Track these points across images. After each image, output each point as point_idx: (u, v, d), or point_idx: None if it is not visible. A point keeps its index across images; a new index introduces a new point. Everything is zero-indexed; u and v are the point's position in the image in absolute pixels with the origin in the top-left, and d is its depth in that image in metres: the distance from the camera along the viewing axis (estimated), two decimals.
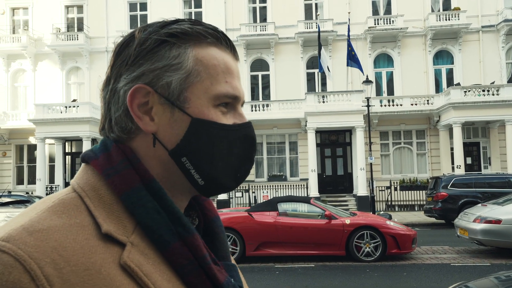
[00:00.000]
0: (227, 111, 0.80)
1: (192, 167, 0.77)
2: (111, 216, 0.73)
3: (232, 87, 0.79)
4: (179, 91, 0.76)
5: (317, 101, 24.14)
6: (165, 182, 0.79)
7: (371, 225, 10.67)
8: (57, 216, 0.69)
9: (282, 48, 27.95)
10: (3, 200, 10.76)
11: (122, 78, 0.78)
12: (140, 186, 0.75)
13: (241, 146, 0.80)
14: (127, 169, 0.76)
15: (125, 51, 0.79)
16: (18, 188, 27.75)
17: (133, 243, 0.72)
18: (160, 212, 0.74)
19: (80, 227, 0.69)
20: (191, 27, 0.78)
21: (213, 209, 0.92)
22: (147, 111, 0.77)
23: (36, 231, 0.65)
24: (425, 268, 9.72)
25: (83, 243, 0.67)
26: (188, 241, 0.74)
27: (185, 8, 29.06)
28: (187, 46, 0.77)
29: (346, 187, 25.81)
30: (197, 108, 0.77)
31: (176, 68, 0.76)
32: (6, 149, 28.62)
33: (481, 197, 16.69)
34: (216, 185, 0.79)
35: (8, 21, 29.68)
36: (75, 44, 28.13)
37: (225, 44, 0.81)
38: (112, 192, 0.75)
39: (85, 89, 28.86)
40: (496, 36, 26.86)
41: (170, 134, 0.77)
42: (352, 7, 27.42)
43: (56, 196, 0.74)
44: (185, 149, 0.76)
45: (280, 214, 11.10)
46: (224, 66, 0.79)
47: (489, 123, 25.06)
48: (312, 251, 10.67)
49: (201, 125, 0.76)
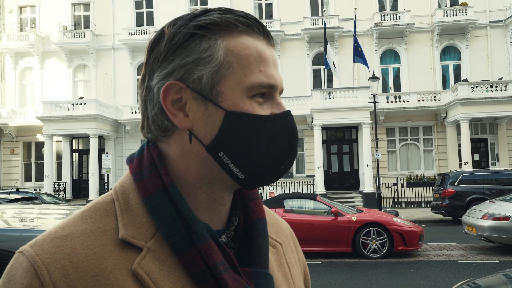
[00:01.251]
0: (263, 101, 0.77)
1: (231, 161, 0.75)
2: (135, 220, 0.74)
3: (266, 75, 0.76)
4: (211, 85, 0.74)
5: (323, 98, 24.07)
6: (203, 178, 0.78)
7: (378, 221, 10.65)
8: (83, 222, 0.74)
9: (288, 45, 27.87)
10: (11, 196, 10.87)
11: (155, 75, 0.77)
12: (161, 191, 0.75)
13: (281, 137, 0.76)
14: (152, 173, 0.77)
15: (156, 48, 0.77)
16: (26, 185, 27.91)
17: (150, 248, 0.72)
18: (175, 218, 0.74)
19: (101, 232, 0.72)
20: (220, 17, 0.76)
21: (259, 210, 0.87)
22: (181, 107, 0.76)
23: (56, 237, 0.71)
24: (432, 265, 9.68)
25: (97, 249, 0.70)
26: (201, 248, 0.73)
27: (191, 5, 29.03)
28: (217, 37, 0.75)
29: (352, 184, 25.74)
30: (231, 100, 0.74)
31: (207, 61, 0.74)
32: (14, 146, 28.82)
33: (489, 193, 16.59)
34: (257, 178, 0.77)
35: (16, 19, 29.86)
36: (82, 42, 28.23)
37: (258, 30, 0.78)
38: (139, 196, 0.76)
39: (92, 87, 28.95)
40: (504, 31, 26.63)
41: (205, 129, 0.75)
42: (358, 3, 27.27)
43: (95, 200, 0.78)
44: (221, 143, 0.74)
45: (286, 211, 11.11)
46: (257, 55, 0.76)
47: (497, 119, 24.87)
48: (318, 248, 10.65)
49: (236, 118, 0.74)
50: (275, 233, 0.93)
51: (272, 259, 0.87)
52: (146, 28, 28.14)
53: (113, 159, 26.27)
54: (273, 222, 0.96)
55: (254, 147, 0.74)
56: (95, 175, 25.09)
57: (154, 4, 29.05)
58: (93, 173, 25.10)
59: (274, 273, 0.85)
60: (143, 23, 29.14)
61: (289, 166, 0.80)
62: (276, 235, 0.93)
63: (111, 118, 26.53)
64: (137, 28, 28.36)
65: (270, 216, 0.96)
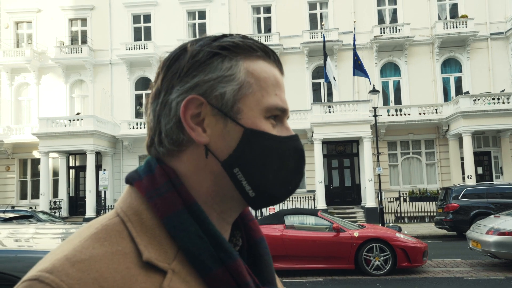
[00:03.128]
0: (276, 123, 0.79)
1: (244, 178, 0.76)
2: (153, 242, 0.72)
3: (281, 100, 0.80)
4: (233, 102, 0.76)
5: (323, 112, 23.94)
6: (215, 196, 0.78)
7: (381, 237, 10.51)
8: (100, 244, 0.70)
9: (287, 58, 27.81)
10: (6, 215, 10.56)
11: (175, 89, 0.77)
12: (183, 209, 0.74)
13: (292, 158, 0.79)
14: (170, 191, 0.76)
15: (176, 64, 0.78)
16: (22, 202, 27.74)
17: (174, 270, 0.71)
18: (202, 236, 0.73)
19: (122, 255, 0.70)
20: (242, 41, 0.79)
21: (258, 229, 0.89)
22: (199, 122, 0.77)
23: (78, 261, 0.66)
24: (437, 282, 9.53)
25: (124, 273, 0.68)
26: (231, 267, 0.72)
27: (189, 19, 29.08)
28: (238, 58, 0.78)
29: (354, 199, 25.51)
30: (250, 119, 0.76)
31: (230, 79, 0.77)
32: (9, 163, 28.61)
33: (493, 208, 16.42)
34: (267, 197, 0.78)
35: (12, 35, 29.92)
36: (79, 57, 28.21)
37: (273, 58, 0.82)
38: (154, 216, 0.74)
39: (89, 102, 28.88)
40: (505, 43, 26.61)
41: (222, 145, 0.76)
42: (358, 16, 27.30)
43: (100, 222, 0.75)
44: (238, 160, 0.76)
45: (287, 227, 11.05)
46: (274, 79, 0.80)
47: (500, 132, 24.69)
48: (320, 265, 10.54)
49: (254, 136, 0.76)
50: None
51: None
52: (144, 43, 28.11)
53: (110, 175, 26.02)
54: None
55: (267, 165, 0.76)
56: (92, 192, 24.81)
57: (151, 19, 29.13)
58: (90, 190, 24.84)
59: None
60: (141, 38, 29.16)
61: (296, 187, 0.82)
62: None
63: (109, 134, 26.35)
64: (134, 43, 28.36)
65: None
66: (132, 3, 29.03)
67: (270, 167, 0.76)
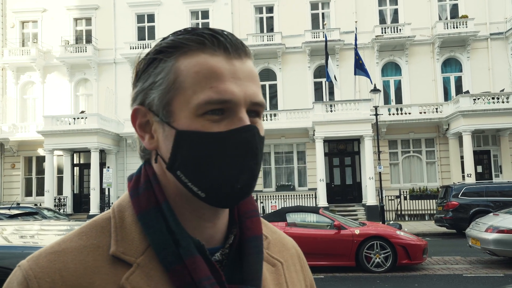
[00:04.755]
0: (220, 118, 0.75)
1: (188, 180, 0.75)
2: (127, 237, 0.77)
3: (217, 91, 0.74)
4: (163, 106, 0.76)
5: (325, 110, 24.09)
6: (181, 196, 0.79)
7: (381, 235, 10.55)
8: (78, 238, 0.78)
9: (289, 58, 27.96)
10: (12, 212, 10.77)
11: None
12: (154, 207, 0.78)
13: (234, 154, 0.74)
14: (146, 190, 0.80)
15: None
16: (27, 199, 27.81)
17: (139, 264, 0.75)
18: (165, 233, 0.76)
19: (94, 248, 0.76)
20: (174, 39, 0.78)
21: (255, 227, 0.86)
22: (149, 129, 0.80)
23: (51, 252, 0.76)
24: (437, 279, 9.58)
25: (88, 264, 0.74)
26: (188, 263, 0.74)
27: (193, 19, 29.22)
28: (172, 59, 0.76)
29: (355, 197, 25.62)
30: (181, 120, 0.75)
31: (159, 84, 0.77)
32: (15, 161, 28.78)
33: (492, 206, 16.46)
34: (217, 197, 0.76)
35: (18, 34, 30.05)
36: (84, 56, 28.37)
37: (213, 46, 0.76)
38: (133, 213, 0.79)
39: (93, 101, 29.04)
40: (505, 43, 26.70)
41: (165, 149, 0.77)
42: (359, 16, 27.40)
43: (95, 217, 0.83)
44: (176, 162, 0.76)
45: (288, 225, 11.04)
46: (208, 71, 0.75)
47: (499, 131, 24.79)
48: (321, 262, 10.52)
49: (184, 137, 0.75)
50: (278, 252, 0.94)
51: (270, 278, 0.87)
52: (148, 42, 28.26)
53: (114, 173, 26.17)
54: (277, 241, 0.96)
55: (206, 165, 0.74)
56: (96, 190, 25.00)
57: (155, 18, 29.25)
58: (94, 188, 25.02)
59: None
60: (145, 37, 29.29)
61: (249, 185, 0.77)
62: (279, 254, 0.93)
63: (113, 132, 26.52)
64: (138, 42, 28.54)
65: (275, 235, 0.97)
66: (136, 3, 29.15)
67: (210, 166, 0.74)
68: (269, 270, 0.88)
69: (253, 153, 0.76)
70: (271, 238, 0.94)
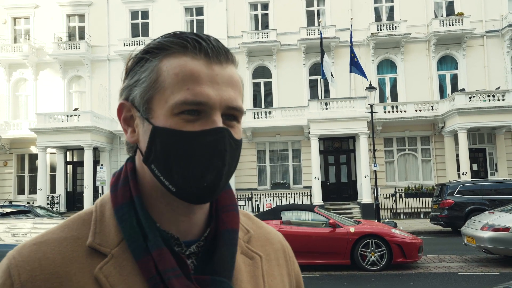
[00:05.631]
0: (195, 118, 0.79)
1: (160, 174, 0.80)
2: (105, 230, 0.83)
3: (193, 93, 0.78)
4: (144, 103, 0.81)
5: (320, 108, 24.03)
6: (156, 189, 0.83)
7: (376, 233, 10.57)
8: (60, 230, 0.83)
9: (284, 55, 27.87)
10: (4, 210, 10.64)
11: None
12: (127, 202, 0.84)
13: (202, 153, 0.78)
14: (123, 185, 0.85)
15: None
16: (19, 198, 27.67)
17: (114, 255, 0.80)
18: (135, 226, 0.81)
19: (73, 240, 0.81)
20: (160, 41, 0.83)
21: (230, 221, 0.90)
22: (132, 123, 0.85)
23: (34, 243, 0.81)
24: (432, 277, 9.58)
25: (66, 254, 0.79)
26: (154, 255, 0.79)
27: (187, 16, 29.07)
28: (156, 59, 0.81)
29: (350, 195, 25.59)
30: (158, 117, 0.79)
31: (143, 81, 0.81)
32: (7, 158, 28.59)
33: (488, 204, 16.52)
34: (186, 193, 0.80)
35: (10, 30, 29.81)
36: (77, 53, 28.18)
37: (194, 50, 0.80)
38: (111, 207, 0.85)
39: (86, 98, 28.87)
40: (500, 41, 26.72)
41: (143, 143, 0.82)
42: (355, 14, 27.36)
43: (81, 211, 0.89)
44: (150, 156, 0.81)
45: (283, 223, 11.07)
46: (186, 74, 0.79)
47: (495, 129, 24.84)
48: (316, 260, 10.56)
49: (158, 133, 0.79)
50: (260, 246, 0.97)
51: (245, 270, 0.90)
52: (142, 39, 28.09)
53: (108, 171, 26.02)
54: (261, 236, 0.99)
55: (176, 161, 0.78)
56: (89, 188, 24.85)
57: (149, 15, 29.08)
58: (87, 186, 24.87)
59: (241, 282, 0.87)
60: (139, 34, 29.12)
61: (216, 185, 0.80)
62: (261, 248, 0.96)
63: (106, 129, 26.36)
64: (132, 39, 28.36)
65: (261, 230, 1.01)
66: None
67: (180, 162, 0.78)
68: (246, 262, 0.92)
69: (220, 154, 0.79)
70: (254, 232, 0.98)
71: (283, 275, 0.98)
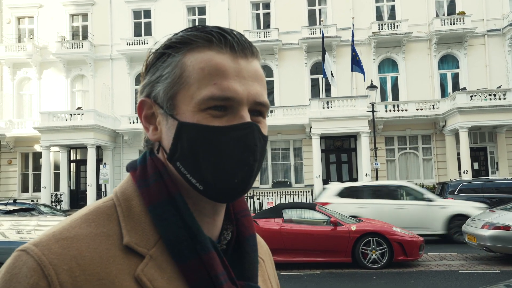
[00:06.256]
0: (222, 114, 0.76)
1: (187, 172, 0.76)
2: (137, 228, 0.77)
3: (221, 88, 0.76)
4: (167, 99, 0.78)
5: (322, 107, 24.08)
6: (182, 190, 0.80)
7: (378, 231, 10.55)
8: (87, 225, 0.75)
9: (286, 54, 27.95)
10: (8, 208, 10.74)
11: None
12: (166, 200, 0.78)
13: (232, 149, 0.75)
14: (157, 182, 0.80)
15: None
16: (24, 195, 27.85)
17: (152, 256, 0.75)
18: (180, 227, 0.76)
19: (105, 237, 0.74)
20: (183, 35, 0.80)
21: (250, 226, 0.89)
22: (154, 121, 0.82)
23: (62, 238, 0.72)
24: (433, 275, 9.57)
25: (103, 253, 0.72)
26: (204, 258, 0.75)
27: (189, 15, 29.16)
28: (180, 54, 0.78)
29: None
30: (184, 113, 0.77)
31: (166, 77, 0.78)
32: (11, 157, 28.76)
33: (489, 202, 16.48)
34: (215, 190, 0.77)
35: (14, 30, 30.00)
36: (80, 52, 28.34)
37: (220, 44, 0.78)
38: (142, 204, 0.79)
39: (89, 97, 29.01)
40: (502, 40, 26.75)
41: (167, 140, 0.79)
42: (356, 13, 27.39)
43: (95, 204, 0.81)
44: (176, 153, 0.77)
45: (285, 221, 10.99)
46: (213, 68, 0.76)
47: (496, 128, 24.86)
48: (318, 258, 10.53)
49: (185, 128, 0.76)
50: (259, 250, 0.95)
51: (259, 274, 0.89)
52: (144, 38, 28.21)
53: (111, 169, 26.17)
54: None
55: (204, 157, 0.75)
56: (92, 186, 24.98)
57: (152, 15, 29.18)
58: (90, 184, 25.01)
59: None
60: (141, 33, 29.24)
61: (246, 181, 0.78)
62: (260, 252, 0.95)
63: (109, 128, 26.49)
64: (135, 38, 28.47)
65: None
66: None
67: (209, 159, 0.75)
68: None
69: (251, 150, 0.77)
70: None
71: (276, 277, 1.00)
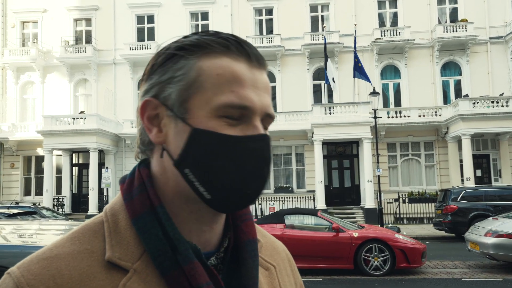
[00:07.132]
0: (236, 122, 0.75)
1: (196, 179, 0.74)
2: (122, 242, 0.75)
3: (238, 96, 0.74)
4: (180, 102, 0.75)
5: (324, 113, 24.09)
6: (180, 196, 0.78)
7: (380, 238, 10.52)
8: (71, 243, 0.75)
9: (289, 60, 27.99)
10: (11, 211, 10.76)
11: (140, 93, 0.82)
12: (149, 211, 0.76)
13: (247, 160, 0.74)
14: (140, 193, 0.78)
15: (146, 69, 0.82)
16: (26, 199, 27.85)
17: (136, 270, 0.73)
18: (161, 238, 0.74)
19: (88, 254, 0.74)
20: (198, 38, 0.77)
21: (250, 231, 0.86)
22: (158, 123, 0.78)
23: (43, 258, 0.73)
24: (435, 283, 9.54)
25: (83, 270, 0.72)
26: (186, 269, 0.73)
27: (192, 20, 29.25)
28: (194, 57, 0.76)
29: (353, 199, 25.60)
30: (198, 118, 0.74)
31: (179, 79, 0.76)
32: (14, 160, 28.80)
33: (492, 210, 16.45)
34: (223, 201, 0.75)
35: (18, 34, 30.13)
36: (83, 57, 28.44)
37: (238, 52, 0.77)
38: (128, 217, 0.77)
39: (92, 101, 29.08)
40: (504, 47, 26.74)
41: (175, 145, 0.76)
42: (359, 19, 27.43)
43: (87, 221, 0.80)
44: (186, 160, 0.74)
45: (287, 227, 11.00)
46: (231, 75, 0.75)
47: (498, 135, 24.82)
48: (319, 264, 10.51)
49: (200, 135, 0.74)
50: (269, 255, 0.94)
51: (264, 282, 0.87)
52: (147, 43, 28.31)
53: (113, 173, 26.17)
54: (268, 245, 0.96)
55: (217, 166, 0.73)
56: (95, 190, 25.01)
57: (155, 20, 29.28)
58: (92, 188, 25.03)
59: None
60: (144, 38, 29.33)
61: (258, 193, 0.77)
62: (271, 258, 0.93)
63: (112, 132, 26.55)
64: (138, 43, 28.57)
65: (265, 239, 0.97)
66: (136, 4, 29.19)
67: (221, 168, 0.73)
68: (263, 274, 0.88)
69: (266, 161, 0.76)
70: (263, 241, 0.93)
71: (292, 285, 0.96)
